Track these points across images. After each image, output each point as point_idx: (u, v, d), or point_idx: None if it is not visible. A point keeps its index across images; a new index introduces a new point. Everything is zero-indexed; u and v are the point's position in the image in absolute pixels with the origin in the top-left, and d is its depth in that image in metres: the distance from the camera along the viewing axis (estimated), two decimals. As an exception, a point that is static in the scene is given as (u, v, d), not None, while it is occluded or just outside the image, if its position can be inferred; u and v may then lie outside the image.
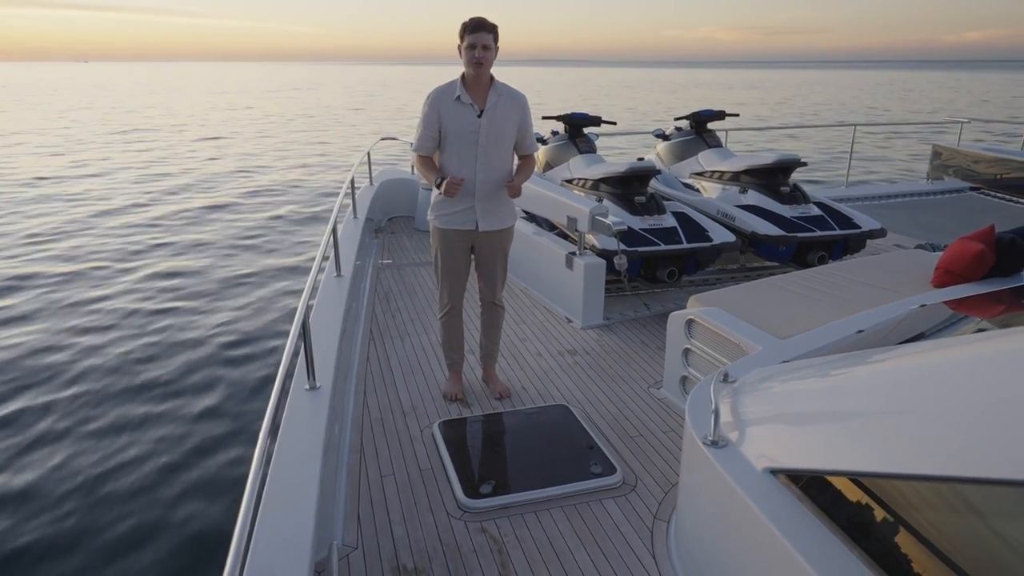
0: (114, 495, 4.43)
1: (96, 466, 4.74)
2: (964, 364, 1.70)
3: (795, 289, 3.61)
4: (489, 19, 3.21)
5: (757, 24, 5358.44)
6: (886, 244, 6.37)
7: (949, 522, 1.47)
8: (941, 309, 3.01)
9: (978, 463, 1.39)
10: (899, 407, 1.69)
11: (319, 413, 2.65)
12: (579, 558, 2.48)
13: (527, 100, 3.40)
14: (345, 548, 2.55)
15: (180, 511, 4.27)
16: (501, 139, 3.31)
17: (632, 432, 3.33)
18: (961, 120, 9.75)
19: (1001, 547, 1.36)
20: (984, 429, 1.44)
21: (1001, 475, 1.33)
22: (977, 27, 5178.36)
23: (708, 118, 6.55)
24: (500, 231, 3.46)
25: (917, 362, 1.87)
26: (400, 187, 7.72)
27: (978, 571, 1.37)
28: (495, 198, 3.38)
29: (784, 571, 1.73)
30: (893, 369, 1.89)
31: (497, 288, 3.60)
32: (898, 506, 1.58)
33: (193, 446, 5.02)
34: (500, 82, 3.33)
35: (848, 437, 1.75)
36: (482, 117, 3.26)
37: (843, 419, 1.82)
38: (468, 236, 3.43)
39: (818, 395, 2.03)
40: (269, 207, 13.36)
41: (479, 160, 3.29)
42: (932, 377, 1.72)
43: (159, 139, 24.52)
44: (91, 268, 9.19)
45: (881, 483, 1.63)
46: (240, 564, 1.39)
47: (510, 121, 3.32)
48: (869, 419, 1.74)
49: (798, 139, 23.36)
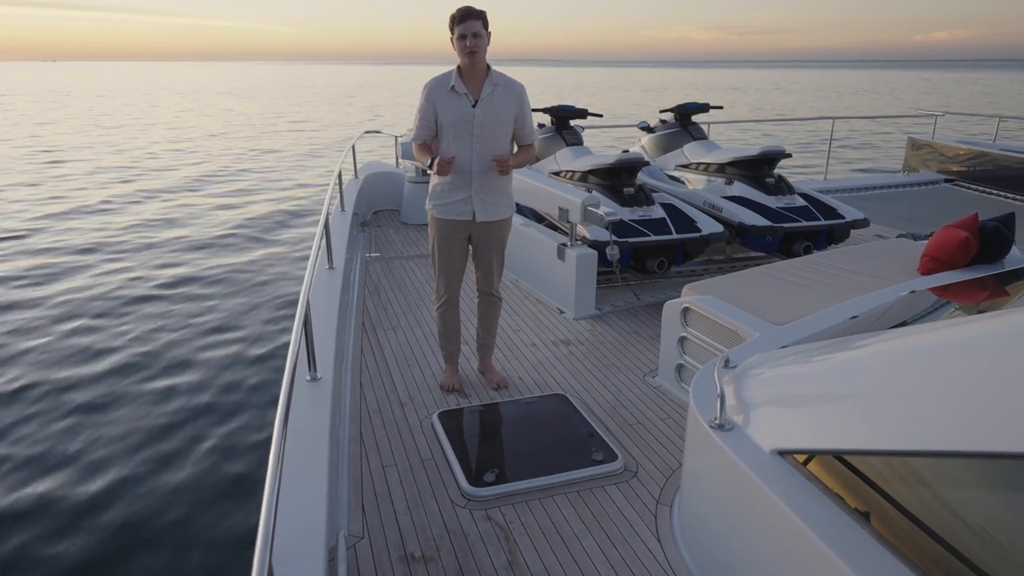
0: (120, 485, 4.41)
1: (106, 458, 4.71)
2: (963, 343, 1.74)
3: (786, 277, 3.66)
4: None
5: (731, 24, 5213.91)
6: (867, 235, 6.48)
7: (957, 497, 1.50)
8: (930, 295, 3.08)
9: (983, 437, 1.43)
10: (903, 386, 1.72)
11: (322, 403, 2.64)
12: (586, 543, 2.49)
13: (525, 90, 3.38)
14: (352, 537, 2.54)
15: (188, 502, 4.24)
16: (497, 129, 3.28)
17: (630, 420, 3.35)
18: (935, 113, 9.94)
19: (1008, 520, 1.39)
20: (986, 404, 1.47)
21: (1006, 448, 1.36)
22: (945, 27, 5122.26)
23: (693, 110, 6.60)
24: (498, 222, 3.45)
25: (917, 343, 1.91)
26: (385, 180, 7.69)
27: (988, 544, 1.40)
28: (492, 188, 3.36)
29: (796, 549, 1.76)
30: (894, 350, 1.93)
31: (494, 279, 3.59)
32: (906, 483, 1.62)
33: (192, 436, 4.98)
34: (497, 72, 3.31)
35: (854, 417, 1.78)
36: (477, 107, 3.24)
37: (847, 400, 1.85)
38: (465, 226, 3.42)
39: (821, 377, 2.06)
40: (250, 202, 13.23)
41: (475, 150, 3.27)
42: (933, 356, 1.75)
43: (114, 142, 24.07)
44: (51, 264, 9.02)
45: (888, 461, 1.66)
46: (268, 552, 1.38)
47: (506, 111, 3.29)
48: (873, 399, 1.77)
49: (775, 133, 23.72)
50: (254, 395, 5.64)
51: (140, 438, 4.95)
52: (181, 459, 4.70)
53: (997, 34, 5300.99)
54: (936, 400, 1.60)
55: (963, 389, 1.56)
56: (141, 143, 22.81)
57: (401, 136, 7.40)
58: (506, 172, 3.28)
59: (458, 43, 3.17)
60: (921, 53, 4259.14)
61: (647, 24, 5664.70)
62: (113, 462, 4.66)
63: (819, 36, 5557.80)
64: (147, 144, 22.57)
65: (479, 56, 3.19)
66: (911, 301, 3.05)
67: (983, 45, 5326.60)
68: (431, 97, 3.27)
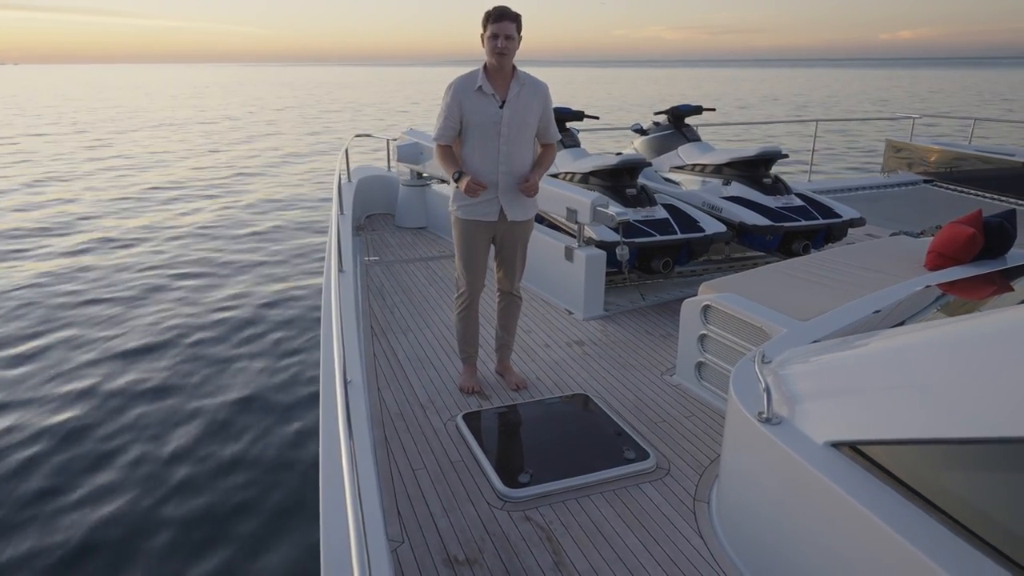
0: (151, 494, 4.39)
1: (133, 463, 4.71)
2: (1007, 331, 1.79)
3: (799, 275, 3.73)
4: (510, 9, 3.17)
5: (701, 24, 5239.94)
6: (858, 233, 6.61)
7: (1012, 481, 1.55)
8: (945, 289, 3.16)
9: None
10: (955, 374, 1.77)
11: (358, 407, 2.63)
12: (629, 542, 2.52)
13: (548, 89, 3.40)
14: (392, 542, 2.54)
15: (236, 514, 4.24)
16: (523, 130, 3.29)
17: (655, 419, 3.39)
18: (912, 116, 10.16)
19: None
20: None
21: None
22: (909, 26, 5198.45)
23: (686, 112, 6.68)
24: (524, 221, 3.48)
25: (963, 331, 1.96)
26: (379, 184, 7.65)
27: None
28: (515, 189, 3.38)
29: (859, 538, 1.80)
30: (940, 340, 1.98)
31: (516, 278, 3.62)
32: (962, 470, 1.67)
33: (229, 446, 4.96)
34: (523, 72, 3.31)
35: (906, 406, 1.83)
36: (504, 108, 3.24)
37: (897, 390, 1.90)
38: (491, 227, 3.44)
39: (866, 369, 2.11)
40: (236, 205, 13.09)
41: (501, 152, 3.28)
42: (984, 344, 1.81)
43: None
44: (62, 273, 8.85)
45: (945, 448, 1.71)
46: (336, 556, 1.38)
47: (532, 112, 3.30)
48: (921, 389, 1.82)
49: (756, 135, 24.06)
50: (282, 399, 5.64)
51: (168, 446, 4.91)
52: (220, 474, 4.66)
53: (959, 32, 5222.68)
54: (988, 387, 1.65)
55: (1018, 375, 1.61)
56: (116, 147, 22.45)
57: (395, 139, 7.38)
58: (533, 193, 3.33)
59: (489, 42, 3.15)
60: (888, 51, 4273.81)
61: (619, 24, 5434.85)
62: (159, 467, 4.66)
63: (789, 36, 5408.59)
64: (141, 143, 22.22)
65: (508, 58, 3.18)
66: (925, 295, 3.13)
67: (947, 44, 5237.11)
68: (457, 96, 3.25)
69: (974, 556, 1.58)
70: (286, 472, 4.58)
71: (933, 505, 1.73)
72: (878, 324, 2.92)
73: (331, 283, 2.86)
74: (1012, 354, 1.69)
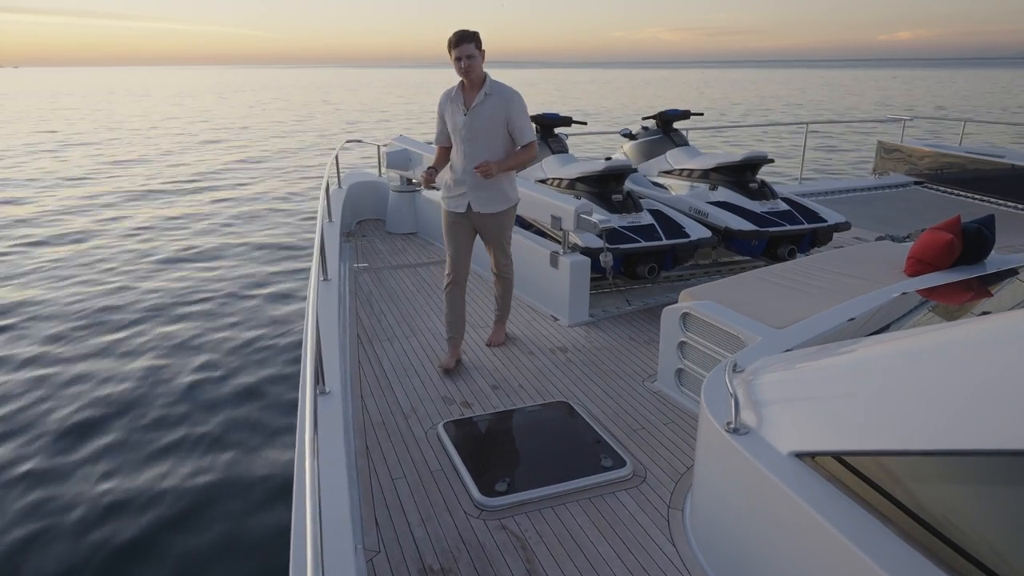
0: (130, 500, 4.40)
1: (126, 476, 4.69)
2: (980, 342, 1.82)
3: (780, 281, 3.75)
4: (468, 29, 3.66)
5: (699, 25, 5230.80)
6: (846, 237, 6.63)
7: (976, 494, 1.57)
8: (921, 296, 3.18)
9: (1003, 435, 1.50)
10: (919, 386, 1.80)
11: (335, 417, 2.66)
12: (602, 550, 2.54)
13: (518, 95, 3.79)
14: (368, 552, 2.56)
15: (205, 520, 4.23)
16: (483, 134, 3.74)
17: (634, 425, 3.41)
18: (903, 118, 10.18)
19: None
20: (1007, 401, 1.55)
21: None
22: (907, 27, 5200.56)
23: (674, 117, 6.70)
24: (492, 214, 3.93)
25: (929, 343, 1.99)
26: (369, 190, 7.67)
27: (1013, 541, 1.48)
28: (484, 185, 3.85)
29: (819, 549, 1.82)
30: (906, 351, 2.01)
31: (499, 263, 4.15)
32: (925, 482, 1.69)
33: (202, 452, 4.96)
34: (495, 81, 3.77)
35: (870, 418, 1.85)
36: (467, 115, 3.74)
37: (862, 401, 1.92)
38: (464, 218, 3.95)
39: (833, 380, 2.14)
40: (227, 210, 13.12)
41: (465, 152, 3.81)
42: (949, 355, 1.83)
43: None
44: (47, 283, 8.88)
45: (907, 460, 1.74)
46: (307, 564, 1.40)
47: (494, 119, 3.72)
48: (889, 399, 1.84)
49: (745, 139, 24.08)
50: (257, 409, 5.62)
51: (136, 455, 4.92)
52: (194, 481, 4.66)
53: (959, 33, 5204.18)
54: (953, 399, 1.67)
55: (982, 387, 1.63)
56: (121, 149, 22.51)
57: (385, 146, 7.40)
58: (488, 176, 3.70)
59: (455, 64, 3.67)
60: (886, 52, 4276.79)
61: (617, 25, 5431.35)
62: (129, 472, 4.65)
63: (787, 37, 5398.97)
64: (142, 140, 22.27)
65: (474, 73, 3.68)
66: (902, 302, 3.15)
67: (947, 44, 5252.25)
68: (441, 106, 3.89)
69: (928, 568, 1.60)
70: (268, 484, 4.55)
71: (893, 516, 1.75)
72: (853, 332, 2.95)
73: (312, 293, 2.88)
74: (973, 366, 1.72)
